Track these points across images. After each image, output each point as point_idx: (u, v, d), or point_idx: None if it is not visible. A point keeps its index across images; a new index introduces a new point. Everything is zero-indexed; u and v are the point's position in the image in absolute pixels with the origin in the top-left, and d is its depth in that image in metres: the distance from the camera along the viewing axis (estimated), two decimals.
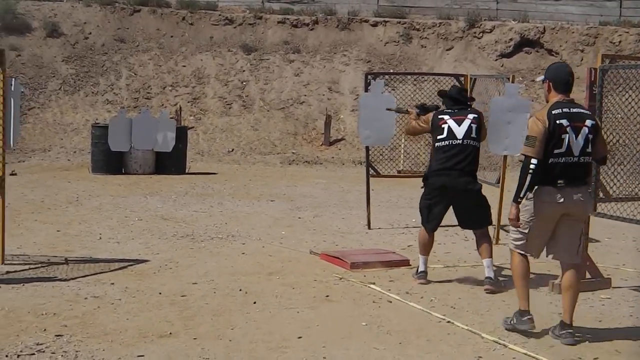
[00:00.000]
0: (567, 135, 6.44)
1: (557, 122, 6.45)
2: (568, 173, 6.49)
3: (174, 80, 25.65)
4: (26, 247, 9.94)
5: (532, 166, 6.41)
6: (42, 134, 22.81)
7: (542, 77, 6.83)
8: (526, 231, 6.69)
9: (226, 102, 25.04)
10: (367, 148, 12.19)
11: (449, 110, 8.63)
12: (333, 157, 22.69)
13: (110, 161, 18.20)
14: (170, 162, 18.49)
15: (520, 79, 25.57)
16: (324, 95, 25.24)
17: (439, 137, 8.47)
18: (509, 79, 11.33)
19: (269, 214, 13.11)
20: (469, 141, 8.36)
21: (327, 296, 7.90)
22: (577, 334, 6.60)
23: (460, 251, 10.26)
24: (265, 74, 25.96)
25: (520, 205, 6.55)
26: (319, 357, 6.10)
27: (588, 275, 8.47)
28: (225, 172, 19.32)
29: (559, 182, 6.47)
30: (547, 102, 6.75)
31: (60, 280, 8.21)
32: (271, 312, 7.32)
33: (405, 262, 9.37)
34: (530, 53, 26.86)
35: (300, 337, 6.56)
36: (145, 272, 8.72)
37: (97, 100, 24.63)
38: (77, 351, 6.04)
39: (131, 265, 9.02)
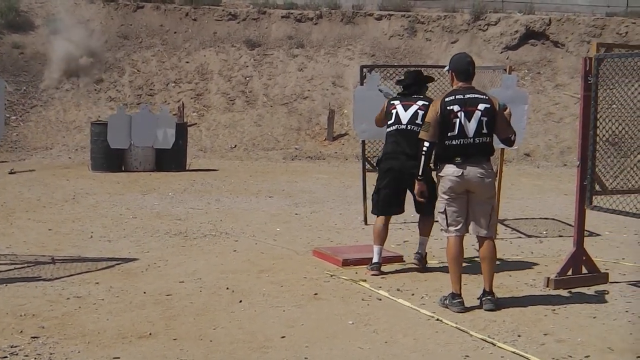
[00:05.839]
0: (458, 119, 7.14)
1: (448, 108, 7.18)
2: (464, 152, 7.15)
3: (177, 76, 25.46)
4: (16, 246, 9.81)
5: (424, 148, 7.31)
6: (44, 132, 22.65)
7: (447, 67, 7.53)
8: (443, 209, 7.32)
9: (229, 98, 24.85)
10: (363, 142, 12.00)
11: (399, 96, 8.97)
12: (336, 152, 22.49)
13: (109, 159, 18.04)
14: (170, 159, 18.34)
15: (526, 71, 25.35)
16: (327, 90, 25.01)
17: (388, 122, 8.83)
18: (505, 70, 11.11)
19: (265, 210, 12.94)
20: (412, 127, 8.53)
21: (316, 294, 7.73)
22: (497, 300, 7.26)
23: None
24: (269, 69, 25.75)
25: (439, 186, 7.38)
26: (300, 357, 5.93)
27: (584, 270, 8.27)
28: (227, 169, 19.14)
29: (456, 159, 7.16)
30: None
31: (44, 280, 8.06)
32: (256, 310, 7.15)
33: (398, 258, 9.20)
34: (536, 45, 26.52)
35: (283, 337, 6.39)
36: (133, 271, 8.57)
37: (99, 98, 24.47)
38: (51, 353, 5.88)
39: (119, 264, 8.86)
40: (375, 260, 8.66)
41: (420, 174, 7.53)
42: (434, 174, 7.70)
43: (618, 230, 11.49)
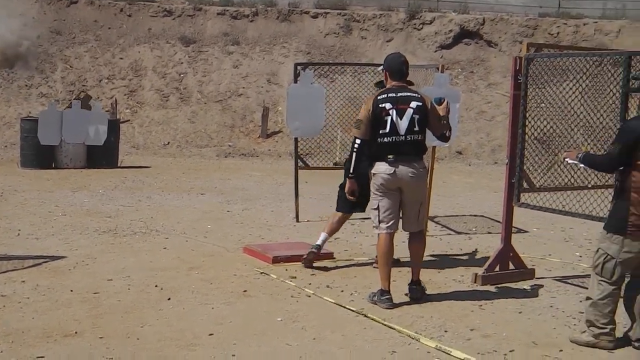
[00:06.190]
0: (390, 117, 7.22)
1: (380, 105, 7.25)
2: (396, 149, 7.23)
3: (110, 72, 25.18)
4: None
5: (356, 145, 7.36)
6: None
7: (382, 66, 7.65)
8: (375, 206, 7.37)
9: (163, 94, 24.66)
10: (295, 140, 12.00)
11: None
12: (270, 150, 22.47)
13: (40, 155, 17.73)
14: (102, 156, 18.11)
15: (459, 69, 25.61)
16: (262, 87, 24.97)
17: None
18: (438, 68, 11.19)
19: (197, 207, 12.86)
20: None
21: (245, 291, 7.71)
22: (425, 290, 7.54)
23: None
24: (204, 66, 25.61)
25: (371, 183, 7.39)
26: (228, 354, 5.91)
27: (511, 266, 8.39)
28: (159, 166, 18.97)
29: (388, 157, 7.22)
30: None
31: None
32: (185, 308, 7.10)
33: (329, 256, 9.21)
34: (470, 44, 26.81)
35: (211, 334, 6.36)
36: (60, 269, 8.44)
37: (31, 94, 24.10)
38: None
39: (46, 262, 8.71)
40: (317, 242, 8.79)
41: (351, 171, 7.54)
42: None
43: (545, 227, 11.68)
